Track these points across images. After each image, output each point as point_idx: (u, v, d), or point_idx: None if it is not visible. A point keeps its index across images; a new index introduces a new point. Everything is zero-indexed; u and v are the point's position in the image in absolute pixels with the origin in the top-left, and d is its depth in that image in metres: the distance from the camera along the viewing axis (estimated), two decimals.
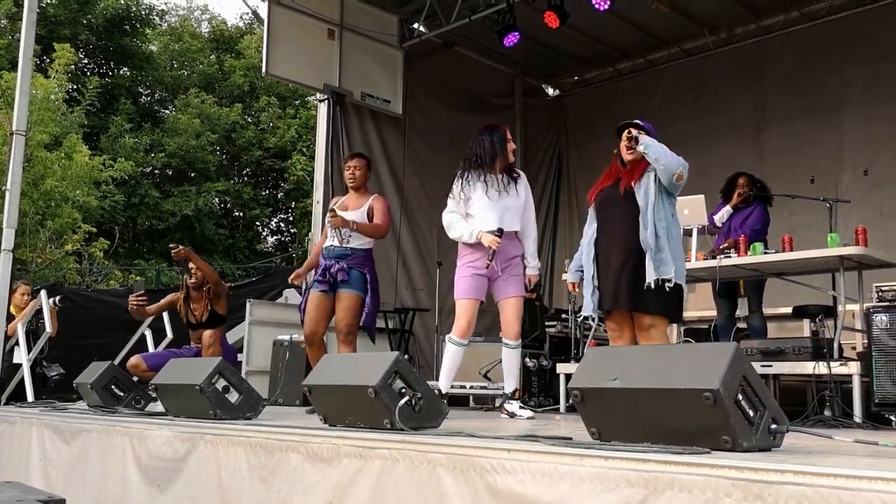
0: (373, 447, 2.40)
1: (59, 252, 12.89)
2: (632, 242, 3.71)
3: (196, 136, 17.94)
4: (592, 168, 8.68)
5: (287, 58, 7.62)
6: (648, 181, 3.76)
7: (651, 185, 3.75)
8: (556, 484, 1.93)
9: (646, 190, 3.75)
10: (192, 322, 5.50)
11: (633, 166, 3.84)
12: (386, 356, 2.85)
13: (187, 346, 5.62)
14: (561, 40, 8.75)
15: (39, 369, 6.13)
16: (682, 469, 1.73)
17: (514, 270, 4.30)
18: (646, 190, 3.75)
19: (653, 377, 2.11)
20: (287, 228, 21.88)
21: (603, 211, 3.92)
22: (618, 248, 3.77)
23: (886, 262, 4.67)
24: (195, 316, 5.49)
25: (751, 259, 4.88)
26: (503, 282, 4.27)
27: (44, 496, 2.75)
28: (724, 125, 8.46)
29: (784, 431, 2.06)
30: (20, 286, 6.74)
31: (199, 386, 3.37)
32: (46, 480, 3.82)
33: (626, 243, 3.73)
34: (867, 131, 7.58)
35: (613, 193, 3.86)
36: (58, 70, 13.76)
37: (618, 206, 3.81)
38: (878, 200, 7.30)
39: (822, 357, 4.36)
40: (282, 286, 8.60)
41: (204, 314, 5.47)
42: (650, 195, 3.73)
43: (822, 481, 1.54)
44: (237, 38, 21.05)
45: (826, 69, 7.83)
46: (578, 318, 3.91)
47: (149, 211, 17.24)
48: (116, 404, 4.33)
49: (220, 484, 2.90)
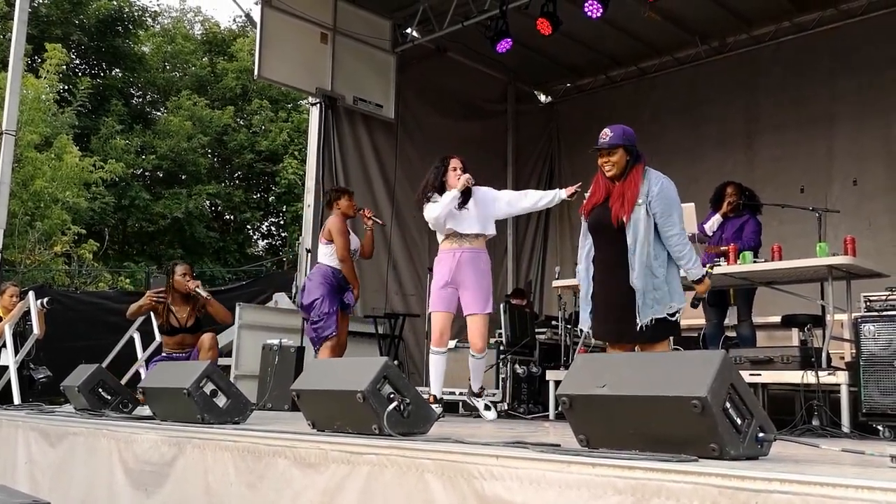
0: (361, 452, 2.39)
1: (48, 254, 12.81)
2: (624, 279, 3.57)
3: (188, 138, 17.90)
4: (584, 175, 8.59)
5: (280, 61, 7.63)
6: (639, 215, 3.56)
7: (641, 219, 3.56)
8: (543, 491, 1.93)
9: (635, 225, 3.56)
10: (175, 326, 5.43)
11: (622, 187, 3.63)
12: (374, 361, 2.84)
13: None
14: (554, 47, 8.79)
15: (26, 372, 6.08)
16: (669, 476, 1.73)
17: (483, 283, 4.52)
18: (635, 225, 3.56)
19: (641, 384, 2.11)
20: (278, 232, 21.83)
21: (596, 235, 3.75)
22: (615, 283, 3.62)
23: (874, 271, 4.70)
24: (178, 320, 5.43)
25: (740, 268, 4.90)
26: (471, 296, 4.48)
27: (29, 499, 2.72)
28: (715, 134, 8.51)
29: (772, 440, 2.07)
30: (8, 287, 6.69)
31: (186, 390, 3.35)
32: (32, 484, 3.78)
33: (622, 280, 3.58)
34: (857, 142, 7.64)
35: (604, 218, 3.67)
36: (49, 70, 13.71)
37: (609, 234, 3.64)
38: (867, 211, 7.36)
39: (811, 366, 4.37)
40: (272, 290, 8.58)
41: (189, 320, 5.43)
42: (639, 231, 3.55)
43: (809, 489, 1.55)
44: (230, 40, 21.03)
45: (817, 80, 7.89)
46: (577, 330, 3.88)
47: (139, 213, 17.17)
48: (103, 408, 4.30)
49: (208, 489, 2.88)
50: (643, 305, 3.55)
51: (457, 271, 4.49)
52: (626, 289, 3.59)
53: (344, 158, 8.09)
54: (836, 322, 4.76)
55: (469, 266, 4.50)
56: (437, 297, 4.53)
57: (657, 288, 3.57)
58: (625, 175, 3.64)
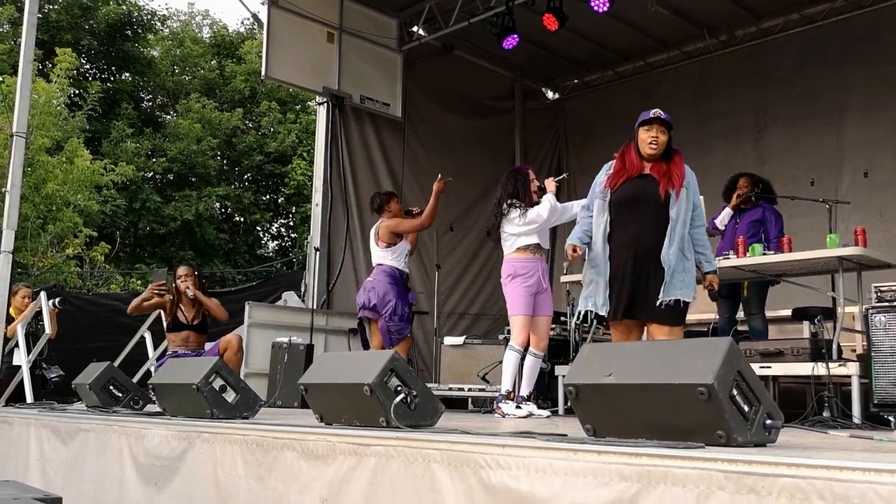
0: (368, 444, 2.40)
1: (60, 256, 12.91)
2: (655, 253, 3.57)
3: (197, 140, 17.99)
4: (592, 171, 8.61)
5: (286, 61, 7.65)
6: (684, 195, 3.60)
7: (683, 200, 3.60)
8: (549, 479, 1.92)
9: (679, 204, 3.59)
10: (182, 323, 5.52)
11: (666, 166, 3.64)
12: (382, 354, 2.84)
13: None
14: (560, 43, 8.77)
15: (39, 371, 6.12)
16: (675, 463, 1.73)
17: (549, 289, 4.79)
18: (679, 204, 3.59)
19: (647, 373, 2.11)
20: (287, 233, 21.91)
21: (627, 208, 3.68)
22: (641, 255, 3.60)
23: (885, 262, 4.66)
24: (185, 317, 5.52)
25: (750, 260, 4.87)
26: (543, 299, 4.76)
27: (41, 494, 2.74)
28: (725, 127, 8.46)
29: (779, 427, 2.05)
30: (21, 289, 6.74)
31: (196, 385, 3.37)
32: (45, 480, 3.81)
33: (650, 253, 3.57)
34: (868, 133, 7.58)
35: (643, 190, 3.63)
36: (59, 75, 13.80)
37: (647, 207, 3.61)
38: (878, 202, 7.30)
39: (821, 358, 4.34)
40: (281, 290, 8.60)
41: (196, 319, 5.53)
42: (681, 210, 3.58)
43: (816, 473, 1.53)
44: (238, 43, 21.11)
45: (826, 71, 7.84)
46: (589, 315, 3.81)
47: (150, 215, 17.27)
48: (115, 405, 4.33)
49: (217, 482, 2.89)
50: (669, 283, 3.55)
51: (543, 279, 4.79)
52: (652, 265, 3.57)
53: (351, 157, 8.11)
54: (847, 315, 4.72)
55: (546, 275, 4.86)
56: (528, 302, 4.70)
57: (686, 271, 3.59)
58: (666, 157, 3.68)
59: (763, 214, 5.52)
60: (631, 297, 3.62)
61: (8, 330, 5.46)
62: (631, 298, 3.62)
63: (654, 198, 3.62)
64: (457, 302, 8.76)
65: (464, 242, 8.83)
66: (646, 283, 3.61)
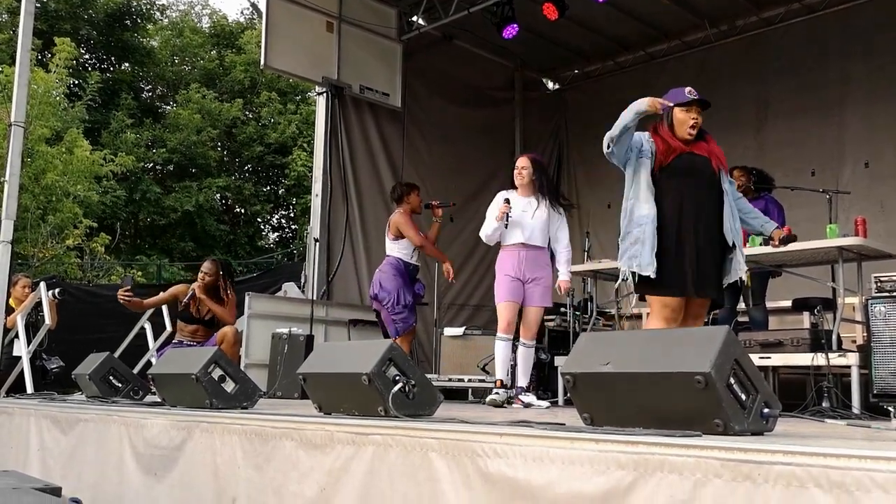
0: (366, 433, 2.40)
1: (60, 247, 12.90)
2: (716, 227, 3.50)
3: (197, 131, 17.95)
4: (593, 162, 8.67)
5: (286, 51, 7.61)
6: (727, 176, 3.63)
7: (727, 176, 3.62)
8: (546, 467, 1.92)
9: (726, 178, 3.61)
10: (195, 316, 5.54)
11: (708, 146, 3.63)
12: (380, 344, 2.85)
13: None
14: (560, 33, 8.73)
15: (39, 362, 6.12)
16: (671, 451, 1.73)
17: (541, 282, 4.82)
18: (726, 178, 3.61)
19: (645, 361, 2.11)
20: (288, 224, 21.90)
21: (688, 177, 3.54)
22: (704, 229, 3.49)
23: (885, 252, 4.66)
24: (199, 312, 5.56)
25: (750, 251, 4.86)
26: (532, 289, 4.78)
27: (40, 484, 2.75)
28: (726, 118, 8.40)
29: (776, 415, 2.05)
30: (21, 279, 6.74)
31: (195, 375, 3.37)
32: (45, 470, 3.83)
33: (711, 227, 3.49)
34: (869, 124, 7.55)
35: (700, 163, 3.56)
36: (58, 65, 13.76)
37: (705, 179, 3.55)
38: (879, 193, 7.28)
39: (821, 348, 4.34)
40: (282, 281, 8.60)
41: (208, 314, 5.56)
42: (729, 186, 3.61)
43: (812, 461, 1.53)
44: (238, 33, 21.03)
45: (827, 61, 7.80)
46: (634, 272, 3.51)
47: (150, 206, 17.25)
48: (114, 395, 4.34)
49: (216, 471, 2.90)
50: (737, 261, 3.49)
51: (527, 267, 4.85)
52: (717, 240, 3.51)
53: (351, 147, 8.09)
54: (847, 305, 4.72)
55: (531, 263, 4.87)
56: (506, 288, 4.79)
57: (741, 250, 3.56)
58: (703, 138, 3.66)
59: (766, 206, 5.51)
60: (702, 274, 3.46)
61: (8, 320, 5.46)
62: (701, 275, 3.46)
63: (708, 172, 3.59)
64: (457, 293, 8.76)
65: (464, 233, 8.80)
66: (711, 260, 3.50)
